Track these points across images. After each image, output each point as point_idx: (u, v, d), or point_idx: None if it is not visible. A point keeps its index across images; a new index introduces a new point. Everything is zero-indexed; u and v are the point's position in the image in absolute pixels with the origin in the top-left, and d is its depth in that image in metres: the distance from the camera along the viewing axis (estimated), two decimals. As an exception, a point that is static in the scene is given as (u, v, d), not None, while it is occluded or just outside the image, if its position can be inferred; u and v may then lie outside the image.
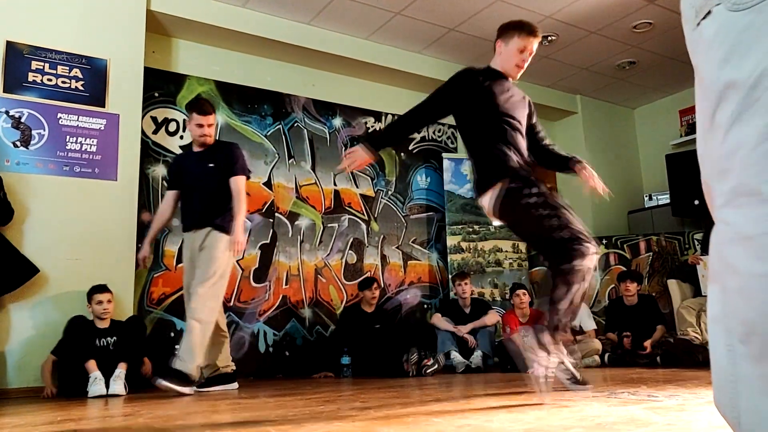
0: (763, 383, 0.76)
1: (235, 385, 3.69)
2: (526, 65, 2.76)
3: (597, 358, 4.83)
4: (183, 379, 3.28)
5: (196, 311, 3.38)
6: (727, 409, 0.83)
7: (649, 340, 4.66)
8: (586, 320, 5.02)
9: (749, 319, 0.77)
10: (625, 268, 5.77)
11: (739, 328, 0.79)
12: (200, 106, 3.66)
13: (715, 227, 0.86)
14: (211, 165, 3.63)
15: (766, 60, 0.78)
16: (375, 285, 4.92)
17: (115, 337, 3.62)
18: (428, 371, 4.35)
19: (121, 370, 3.40)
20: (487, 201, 2.60)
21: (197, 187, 3.65)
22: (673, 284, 5.21)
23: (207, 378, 3.66)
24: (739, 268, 0.79)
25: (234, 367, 3.76)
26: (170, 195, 3.82)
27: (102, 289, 3.64)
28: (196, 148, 3.74)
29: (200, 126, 3.62)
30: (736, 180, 0.80)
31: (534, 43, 2.72)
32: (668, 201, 6.30)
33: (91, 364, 3.36)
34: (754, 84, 0.78)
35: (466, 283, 5.00)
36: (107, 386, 3.30)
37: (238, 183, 3.61)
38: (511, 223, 2.71)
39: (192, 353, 3.33)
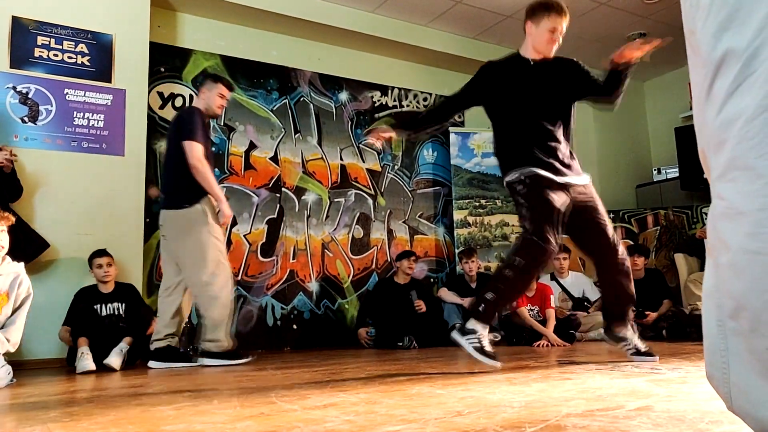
0: (752, 358, 0.76)
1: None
2: (558, 42, 2.83)
3: (602, 331, 4.82)
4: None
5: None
6: (719, 383, 0.83)
7: (654, 314, 4.66)
8: (590, 292, 5.00)
9: (739, 295, 0.77)
10: (632, 242, 5.76)
11: (729, 303, 0.79)
12: (227, 80, 3.82)
13: (713, 201, 0.85)
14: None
15: (766, 28, 0.75)
16: (414, 257, 5.01)
17: (123, 303, 3.66)
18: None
19: (125, 344, 3.40)
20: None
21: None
22: (680, 258, 5.20)
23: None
24: (730, 243, 0.78)
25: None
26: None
27: (101, 253, 3.68)
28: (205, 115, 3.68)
29: (222, 97, 3.68)
30: (732, 152, 0.77)
31: (564, 23, 2.79)
32: (677, 175, 6.24)
33: (82, 341, 3.34)
34: (754, 54, 0.75)
35: (472, 261, 5.01)
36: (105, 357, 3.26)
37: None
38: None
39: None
